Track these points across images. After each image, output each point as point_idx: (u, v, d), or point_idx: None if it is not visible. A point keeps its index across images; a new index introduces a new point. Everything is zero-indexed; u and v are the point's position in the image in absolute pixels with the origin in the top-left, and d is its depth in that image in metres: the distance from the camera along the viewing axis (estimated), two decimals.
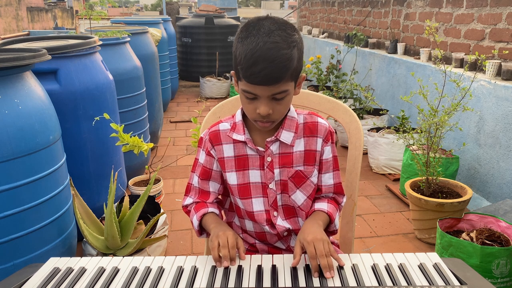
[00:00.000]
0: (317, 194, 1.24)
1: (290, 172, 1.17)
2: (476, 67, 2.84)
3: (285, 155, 1.17)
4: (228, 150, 1.18)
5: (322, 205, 1.20)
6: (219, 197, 1.29)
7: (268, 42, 0.97)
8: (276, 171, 1.17)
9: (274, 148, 1.16)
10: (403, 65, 3.83)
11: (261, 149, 1.16)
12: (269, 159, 1.16)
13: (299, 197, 1.19)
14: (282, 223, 1.20)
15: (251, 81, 1.00)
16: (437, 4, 3.58)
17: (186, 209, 1.27)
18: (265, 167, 1.17)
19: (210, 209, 1.19)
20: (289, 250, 1.24)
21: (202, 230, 1.21)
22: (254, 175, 1.18)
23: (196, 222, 1.19)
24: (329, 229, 1.21)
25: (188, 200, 1.26)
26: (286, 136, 1.15)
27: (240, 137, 1.16)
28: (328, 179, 1.22)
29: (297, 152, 1.17)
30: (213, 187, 1.23)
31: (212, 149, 1.19)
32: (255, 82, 1.00)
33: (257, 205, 1.19)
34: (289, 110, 1.16)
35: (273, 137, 1.15)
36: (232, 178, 1.19)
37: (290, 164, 1.17)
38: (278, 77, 0.99)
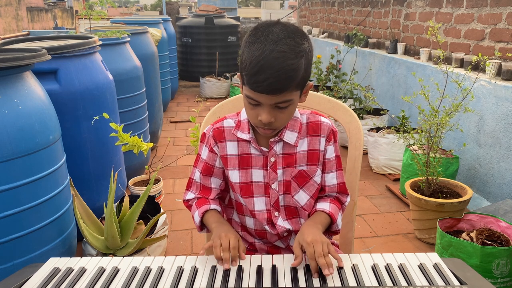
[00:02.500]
0: (320, 193, 1.23)
1: (293, 172, 1.17)
2: (477, 67, 2.84)
3: (288, 155, 1.17)
4: (231, 148, 1.18)
5: (324, 205, 1.20)
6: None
7: (274, 50, 0.95)
8: (279, 171, 1.17)
9: (278, 148, 1.16)
10: (403, 65, 3.83)
11: (264, 149, 1.16)
12: (272, 159, 1.16)
13: (302, 197, 1.19)
14: (282, 223, 1.20)
15: (254, 88, 0.98)
16: (437, 4, 3.58)
17: (188, 203, 1.28)
18: (268, 168, 1.16)
19: (212, 206, 1.20)
20: (289, 249, 1.24)
21: (203, 225, 1.22)
22: (257, 175, 1.18)
23: (197, 218, 1.19)
24: (331, 229, 1.21)
25: (190, 195, 1.26)
26: (289, 136, 1.15)
27: (245, 136, 1.16)
28: (331, 179, 1.22)
29: (300, 152, 1.17)
30: (215, 183, 1.23)
31: (215, 146, 1.19)
32: (258, 90, 0.98)
33: (259, 204, 1.19)
34: None
35: (277, 137, 1.15)
36: (234, 176, 1.18)
37: (294, 164, 1.17)
38: (282, 87, 0.97)
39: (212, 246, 1.06)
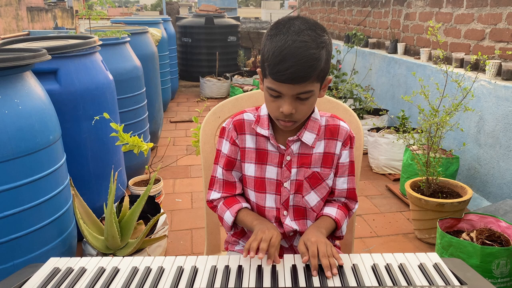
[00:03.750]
0: (329, 196, 1.24)
1: (307, 172, 1.17)
2: (477, 67, 2.84)
3: (304, 156, 1.17)
4: (250, 141, 1.19)
5: (331, 210, 1.20)
6: None
7: (297, 40, 0.98)
8: (293, 170, 1.17)
9: (295, 147, 1.16)
10: (403, 65, 3.83)
11: (282, 147, 1.16)
12: (288, 158, 1.16)
13: (312, 198, 1.20)
14: (290, 223, 1.20)
15: (277, 78, 1.00)
16: (437, 4, 3.58)
17: (212, 204, 1.25)
18: (283, 166, 1.17)
19: (244, 204, 1.19)
20: (292, 249, 1.25)
21: (233, 225, 1.20)
22: (271, 171, 1.18)
23: (230, 218, 1.18)
24: (335, 234, 1.22)
25: (214, 195, 1.24)
26: (308, 137, 1.16)
27: (264, 132, 1.16)
28: (342, 183, 1.22)
29: (316, 154, 1.17)
30: (237, 176, 1.22)
31: (237, 138, 1.19)
32: (281, 79, 1.00)
33: (269, 201, 1.20)
34: (313, 111, 1.16)
35: (295, 136, 1.15)
36: (250, 169, 1.19)
37: (308, 165, 1.17)
38: (304, 76, 0.99)
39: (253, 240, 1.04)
